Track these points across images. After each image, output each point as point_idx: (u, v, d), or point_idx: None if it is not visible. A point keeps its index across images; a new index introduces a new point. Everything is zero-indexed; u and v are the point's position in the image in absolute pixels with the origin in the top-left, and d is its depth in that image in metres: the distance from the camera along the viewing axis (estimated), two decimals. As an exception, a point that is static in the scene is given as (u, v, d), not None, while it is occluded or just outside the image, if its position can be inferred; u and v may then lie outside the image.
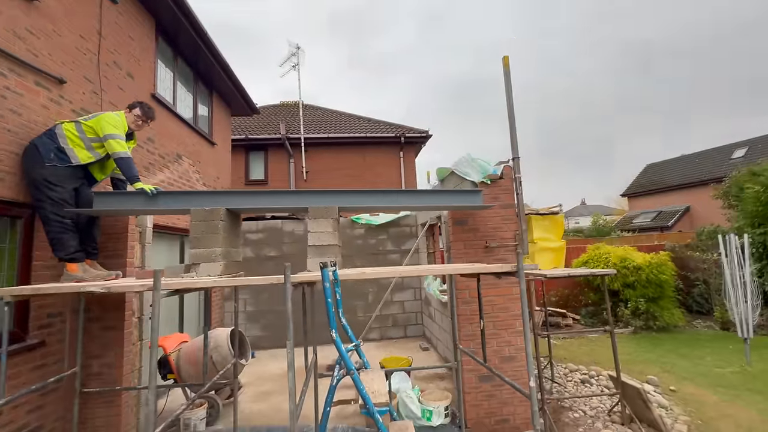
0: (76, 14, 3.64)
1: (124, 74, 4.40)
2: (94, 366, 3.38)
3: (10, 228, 2.95)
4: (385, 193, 3.35)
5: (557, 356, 6.25)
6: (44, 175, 2.81)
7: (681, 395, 4.67)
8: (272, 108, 14.48)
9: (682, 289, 8.95)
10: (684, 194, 21.46)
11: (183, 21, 5.36)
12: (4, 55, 2.83)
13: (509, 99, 4.03)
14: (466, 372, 3.75)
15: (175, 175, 5.54)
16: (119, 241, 3.56)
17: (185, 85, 6.28)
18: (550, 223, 4.92)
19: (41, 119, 3.15)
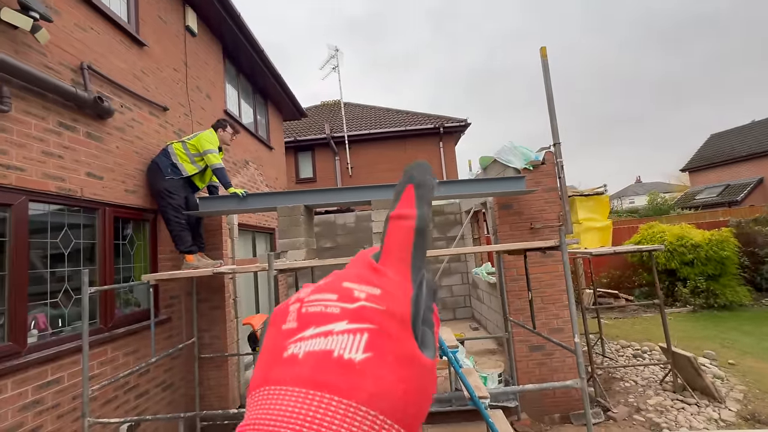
0: (170, 52, 4.40)
1: (204, 96, 5.17)
2: (205, 338, 4.19)
3: (141, 229, 3.77)
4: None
5: (610, 335, 6.36)
6: (165, 186, 3.57)
7: (740, 368, 4.68)
8: (314, 109, 15.28)
9: (748, 266, 8.48)
10: (756, 165, 19.51)
11: (244, 42, 6.07)
12: (131, 93, 3.60)
13: (548, 87, 4.25)
14: (517, 343, 4.11)
15: (245, 178, 6.33)
16: (216, 236, 4.33)
17: (246, 99, 7.06)
18: (594, 203, 5.07)
19: (155, 141, 3.94)
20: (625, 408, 3.94)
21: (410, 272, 0.23)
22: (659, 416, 3.72)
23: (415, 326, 0.22)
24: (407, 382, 0.20)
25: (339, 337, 0.20)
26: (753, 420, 3.51)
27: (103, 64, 3.32)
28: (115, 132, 3.39)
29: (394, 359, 0.20)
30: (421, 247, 0.23)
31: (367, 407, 0.18)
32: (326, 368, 0.19)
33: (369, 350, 0.20)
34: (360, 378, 0.19)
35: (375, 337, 0.20)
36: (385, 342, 0.20)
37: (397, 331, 0.21)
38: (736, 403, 3.81)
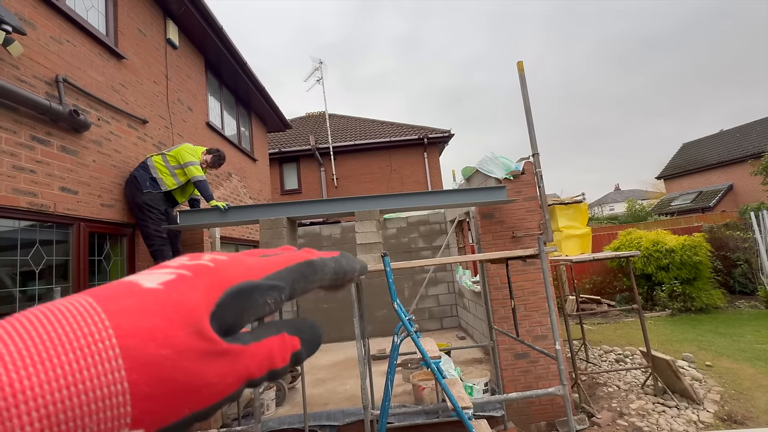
0: (150, 64, 4.37)
1: (186, 108, 5.12)
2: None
3: (119, 244, 3.67)
4: (417, 194, 3.82)
5: (593, 340, 6.46)
6: (145, 200, 3.49)
7: (717, 369, 4.82)
8: (299, 120, 15.29)
9: (721, 269, 8.81)
10: (726, 172, 20.42)
11: (226, 55, 6.08)
12: (108, 106, 3.55)
13: (526, 99, 4.39)
14: (502, 351, 4.14)
15: (227, 191, 6.26)
16: (197, 251, 4.23)
17: (229, 111, 7.03)
18: (574, 211, 5.21)
19: (133, 155, 3.87)
20: (609, 413, 3.99)
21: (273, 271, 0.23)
22: (641, 420, 3.79)
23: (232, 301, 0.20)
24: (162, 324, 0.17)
25: (153, 275, 0.20)
26: (729, 420, 3.61)
27: (80, 77, 3.27)
28: (91, 145, 3.32)
29: (174, 302, 0.18)
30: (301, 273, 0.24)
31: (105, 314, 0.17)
32: (113, 285, 0.19)
33: (162, 285, 0.19)
34: (127, 296, 0.18)
35: (180, 280, 0.20)
36: (182, 285, 0.19)
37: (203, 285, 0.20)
38: (713, 405, 3.91)
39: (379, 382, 4.17)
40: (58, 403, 0.14)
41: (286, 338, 0.22)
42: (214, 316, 0.19)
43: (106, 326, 0.16)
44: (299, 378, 5.42)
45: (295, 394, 4.74)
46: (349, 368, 5.54)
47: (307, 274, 0.24)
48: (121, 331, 0.16)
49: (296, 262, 0.24)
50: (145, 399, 0.16)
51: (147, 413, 0.16)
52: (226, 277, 0.21)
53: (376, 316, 7.49)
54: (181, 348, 0.17)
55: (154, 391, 0.16)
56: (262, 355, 0.21)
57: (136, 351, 0.16)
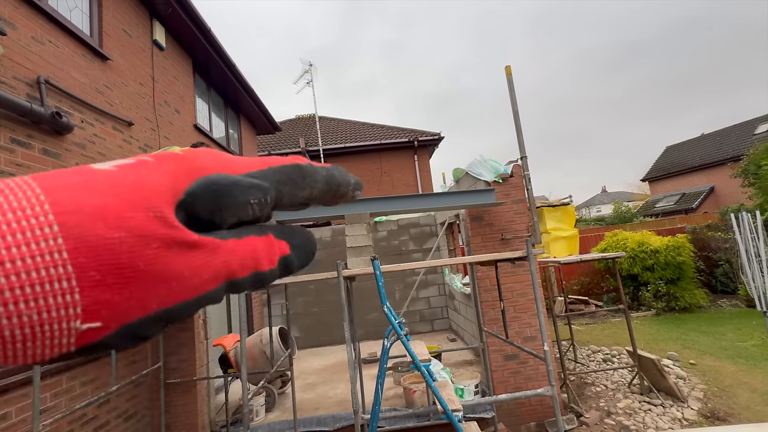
0: (136, 66, 4.30)
1: (173, 110, 5.05)
2: (172, 361, 3.99)
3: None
4: (407, 197, 3.83)
5: (581, 341, 6.55)
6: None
7: (700, 367, 4.93)
8: (289, 123, 15.22)
9: (704, 269, 9.03)
10: (707, 174, 20.99)
11: (215, 57, 6.02)
12: (92, 108, 3.48)
13: (514, 103, 4.45)
14: (492, 353, 4.17)
15: (216, 194, 6.19)
16: (184, 255, 4.18)
17: (217, 113, 6.96)
18: (561, 213, 5.29)
19: (119, 157, 3.79)
20: (597, 412, 4.04)
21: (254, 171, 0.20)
22: (628, 419, 3.85)
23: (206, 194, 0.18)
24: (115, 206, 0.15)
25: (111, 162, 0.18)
26: (713, 417, 3.69)
27: (63, 78, 3.20)
28: (74, 148, 3.25)
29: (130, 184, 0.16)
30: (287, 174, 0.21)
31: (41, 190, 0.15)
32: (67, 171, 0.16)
33: (116, 167, 0.17)
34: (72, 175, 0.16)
35: (139, 164, 0.18)
36: (142, 169, 0.17)
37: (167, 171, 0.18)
38: (697, 402, 4.00)
39: (370, 386, 4.16)
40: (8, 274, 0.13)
41: (273, 240, 0.20)
42: (181, 205, 0.17)
43: (41, 201, 0.14)
44: (289, 383, 5.37)
45: (285, 399, 4.69)
46: (339, 372, 5.51)
47: (295, 177, 0.21)
48: (60, 207, 0.14)
49: (283, 164, 0.22)
50: (96, 287, 0.14)
51: (101, 303, 0.15)
52: (198, 166, 0.18)
53: (366, 319, 7.47)
54: (138, 232, 0.15)
55: (108, 279, 0.15)
56: (245, 253, 0.19)
57: (79, 230, 0.14)
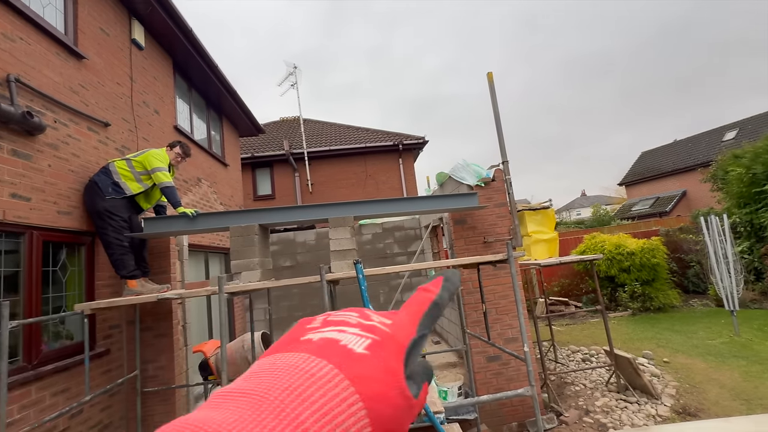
0: (113, 65, 4.19)
1: (152, 111, 4.94)
2: (150, 369, 3.87)
3: (76, 254, 3.46)
4: (392, 201, 3.85)
5: (561, 341, 6.70)
6: (106, 207, 3.33)
7: (673, 365, 5.12)
8: (273, 125, 15.06)
9: (676, 270, 9.39)
10: (679, 179, 21.86)
11: (196, 57, 5.92)
12: (66, 108, 3.37)
13: (495, 109, 4.54)
14: (475, 354, 4.22)
15: (197, 197, 6.06)
16: (163, 259, 4.08)
17: (199, 114, 6.83)
18: (542, 216, 5.41)
19: (94, 159, 3.69)
20: (576, 411, 4.14)
21: (417, 324, 0.28)
22: (605, 417, 3.96)
23: (407, 359, 0.25)
24: (387, 388, 0.23)
25: (349, 335, 0.25)
26: (684, 413, 3.84)
27: (35, 77, 3.09)
28: (47, 149, 3.13)
29: (384, 367, 0.23)
30: (432, 316, 0.29)
31: (350, 382, 0.21)
32: (331, 347, 0.23)
33: (368, 350, 0.24)
34: (353, 361, 0.23)
35: (375, 345, 0.25)
36: (381, 351, 0.24)
37: (393, 351, 0.25)
38: (670, 399, 4.15)
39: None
40: None
41: (426, 386, 0.27)
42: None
43: (353, 392, 0.21)
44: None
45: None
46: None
47: (436, 314, 0.30)
48: (364, 396, 0.21)
49: (427, 306, 0.30)
50: None
51: None
52: (403, 341, 0.26)
53: (351, 322, 7.44)
54: (397, 407, 0.23)
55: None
56: (421, 403, 0.26)
57: (374, 412, 0.21)
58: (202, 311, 6.01)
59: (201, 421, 0.18)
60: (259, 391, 0.20)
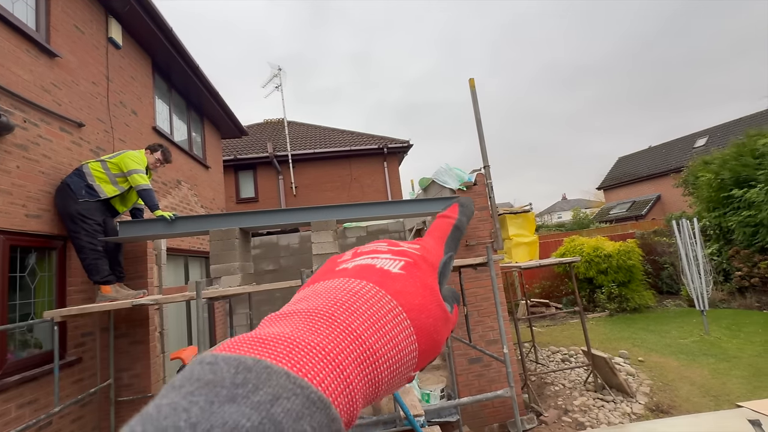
0: (88, 64, 4.07)
1: (129, 111, 4.81)
2: (124, 378, 3.75)
3: (47, 258, 3.33)
4: (375, 204, 3.86)
5: (542, 341, 6.83)
6: (78, 210, 3.21)
7: (647, 364, 5.29)
8: (256, 127, 14.88)
9: (651, 272, 9.72)
10: (654, 183, 22.67)
11: (176, 57, 5.80)
12: (37, 108, 3.25)
13: (477, 114, 4.62)
14: (457, 356, 4.26)
15: (176, 199, 5.92)
16: (140, 264, 3.96)
17: (179, 115, 6.69)
18: (522, 220, 5.52)
19: (66, 160, 3.56)
20: (555, 411, 4.22)
21: (444, 246, 0.31)
22: (583, 416, 4.05)
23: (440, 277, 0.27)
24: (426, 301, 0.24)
25: (382, 259, 0.27)
26: (657, 410, 3.97)
27: (3, 75, 2.97)
28: (15, 150, 3.01)
29: (420, 283, 0.25)
30: (455, 238, 0.32)
31: (391, 296, 0.23)
32: (368, 270, 0.25)
33: (403, 270, 0.26)
34: (392, 279, 0.24)
35: (409, 266, 0.26)
36: (416, 270, 0.26)
37: (427, 270, 0.27)
38: (644, 397, 4.28)
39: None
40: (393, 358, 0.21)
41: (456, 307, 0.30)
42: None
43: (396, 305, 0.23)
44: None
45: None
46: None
47: (458, 236, 0.32)
48: (406, 308, 0.23)
49: (450, 229, 0.32)
50: (422, 353, 0.23)
51: (421, 361, 0.24)
52: (434, 261, 0.28)
53: (335, 326, 7.39)
54: (437, 317, 0.25)
55: (426, 347, 0.24)
56: (455, 319, 0.28)
57: (417, 321, 0.23)
58: (181, 317, 5.86)
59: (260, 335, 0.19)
60: (309, 308, 0.21)
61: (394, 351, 0.21)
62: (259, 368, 0.16)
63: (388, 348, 0.21)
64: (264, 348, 0.18)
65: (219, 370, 0.16)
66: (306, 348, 0.18)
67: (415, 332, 0.23)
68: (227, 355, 0.17)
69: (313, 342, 0.19)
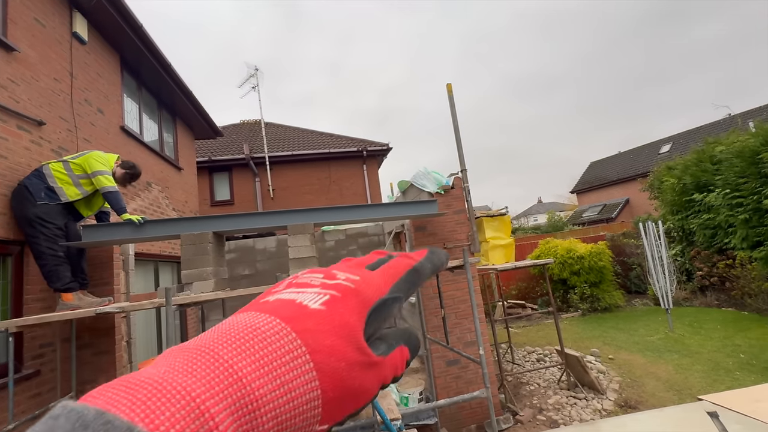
0: (50, 59, 3.86)
1: (95, 110, 4.60)
2: (88, 390, 3.53)
3: (2, 265, 3.12)
4: (353, 208, 3.84)
5: (518, 342, 6.97)
6: (37, 213, 3.03)
7: (617, 361, 5.49)
8: (232, 128, 14.56)
9: (620, 273, 10.13)
10: (623, 188, 23.69)
11: (146, 54, 5.60)
12: (-9, 105, 3.05)
13: (454, 119, 4.69)
14: (435, 359, 4.28)
15: (146, 202, 5.70)
16: (105, 270, 3.78)
17: (150, 114, 6.45)
18: (499, 223, 5.64)
19: (25, 161, 3.36)
20: (530, 410, 4.31)
21: (391, 286, 0.27)
22: (557, 414, 4.15)
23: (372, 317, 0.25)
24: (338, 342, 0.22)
25: (307, 294, 0.24)
26: (626, 406, 4.12)
27: (-48, 69, 2.77)
28: (-35, 149, 2.81)
29: (339, 322, 0.23)
30: (410, 281, 0.28)
31: (297, 335, 0.21)
32: (285, 305, 0.23)
33: (324, 305, 0.23)
34: (305, 317, 0.22)
35: (333, 300, 0.24)
36: (340, 307, 0.23)
37: (354, 307, 0.24)
38: (614, 393, 4.44)
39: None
40: (283, 407, 0.19)
41: (404, 349, 0.27)
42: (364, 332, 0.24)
43: (299, 345, 0.21)
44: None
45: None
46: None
47: (414, 280, 0.29)
48: (311, 348, 0.21)
49: (405, 271, 0.29)
50: (329, 402, 0.21)
51: (330, 412, 0.21)
52: (367, 298, 0.25)
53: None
54: (351, 361, 0.22)
55: (335, 395, 0.21)
56: (393, 365, 0.26)
57: (322, 365, 0.21)
58: (150, 325, 5.62)
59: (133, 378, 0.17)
60: (199, 345, 0.19)
61: (286, 398, 0.19)
62: (96, 425, 0.14)
63: (278, 393, 0.19)
64: (128, 394, 0.16)
65: (57, 427, 0.14)
66: (170, 393, 0.16)
67: (320, 377, 0.20)
68: (74, 408, 0.15)
69: (182, 385, 0.17)
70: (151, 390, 0.16)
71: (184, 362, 0.18)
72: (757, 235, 7.08)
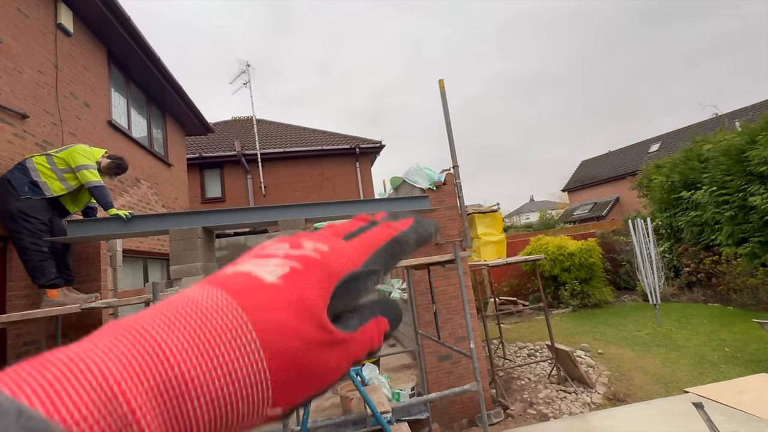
0: (34, 51, 3.77)
1: (81, 104, 4.51)
2: (74, 388, 3.49)
3: (-17, 261, 3.05)
4: (344, 203, 3.82)
5: (510, 338, 7.03)
6: (20, 208, 2.96)
7: (606, 356, 5.57)
8: (224, 124, 14.40)
9: (610, 269, 10.26)
10: (613, 186, 24.02)
11: (135, 48, 5.50)
12: (-29, 96, 2.97)
13: (446, 116, 4.69)
14: (427, 354, 4.29)
15: (134, 198, 5.61)
16: (92, 266, 3.71)
17: (138, 109, 6.35)
18: (491, 219, 5.66)
19: (7, 154, 3.28)
20: (521, 404, 4.35)
21: (366, 258, 0.24)
22: (547, 407, 4.20)
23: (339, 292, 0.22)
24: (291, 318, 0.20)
25: (266, 266, 0.22)
26: (615, 399, 4.18)
27: (-70, 58, 2.69)
28: (-56, 141, 2.73)
29: (297, 295, 0.21)
30: (390, 252, 0.26)
31: (243, 310, 0.19)
32: (238, 278, 0.21)
33: (281, 279, 0.21)
34: (257, 291, 0.20)
35: (293, 273, 0.21)
36: (299, 280, 0.21)
37: (316, 279, 0.22)
38: (603, 387, 4.50)
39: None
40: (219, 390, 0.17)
41: (380, 321, 0.25)
42: (328, 308, 0.22)
43: (245, 321, 0.19)
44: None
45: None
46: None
47: (395, 252, 0.26)
48: (259, 326, 0.19)
49: (385, 241, 0.26)
50: (281, 384, 0.19)
51: (283, 395, 0.19)
52: (335, 271, 0.23)
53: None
54: (308, 340, 0.20)
55: (289, 377, 0.19)
56: (366, 340, 0.24)
57: (272, 344, 0.19)
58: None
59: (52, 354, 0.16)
60: (131, 320, 0.18)
61: (224, 380, 0.17)
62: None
63: (214, 375, 0.17)
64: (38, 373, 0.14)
65: None
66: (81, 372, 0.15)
67: (268, 357, 0.18)
68: None
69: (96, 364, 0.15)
70: (60, 369, 0.15)
71: (110, 339, 0.17)
72: (742, 232, 7.23)
